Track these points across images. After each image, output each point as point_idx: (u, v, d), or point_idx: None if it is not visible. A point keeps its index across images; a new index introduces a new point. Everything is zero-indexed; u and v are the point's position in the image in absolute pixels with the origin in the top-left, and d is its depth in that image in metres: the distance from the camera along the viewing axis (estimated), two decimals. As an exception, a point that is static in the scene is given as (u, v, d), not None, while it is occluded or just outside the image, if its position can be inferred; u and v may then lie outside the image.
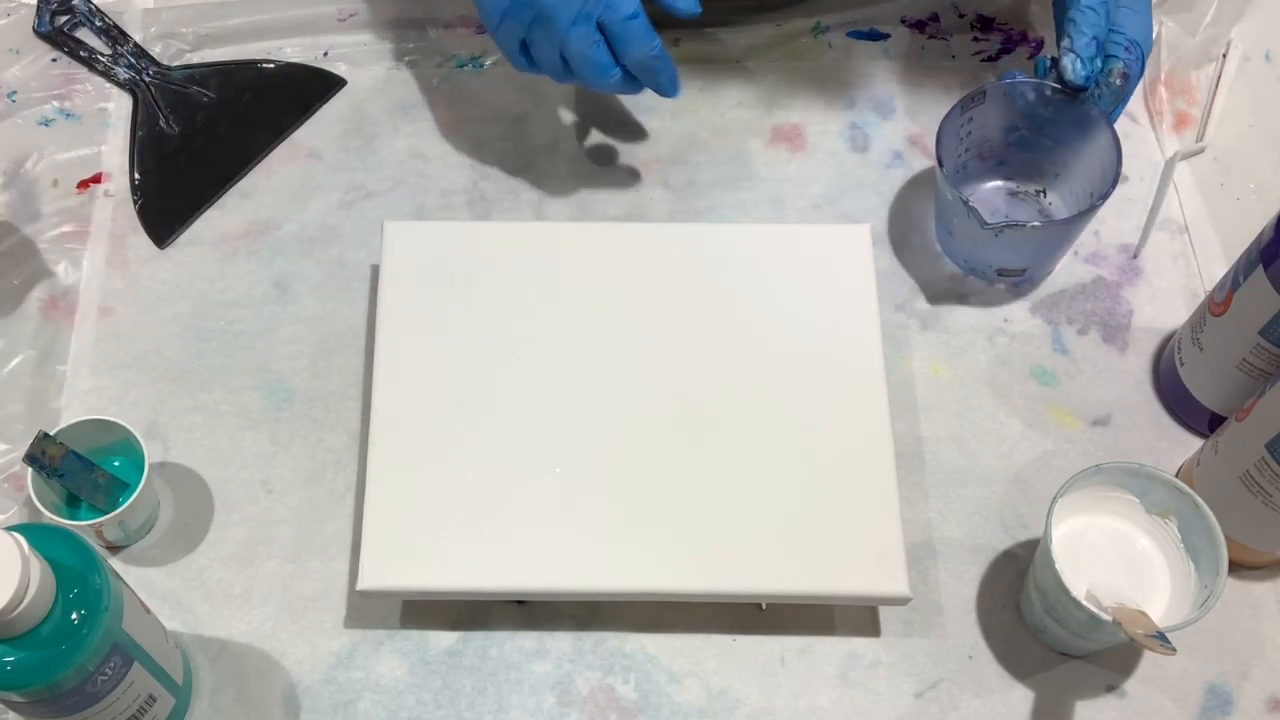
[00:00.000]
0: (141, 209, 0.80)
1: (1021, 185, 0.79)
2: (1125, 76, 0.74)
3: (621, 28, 0.69)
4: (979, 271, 0.77)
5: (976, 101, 0.74)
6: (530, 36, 0.71)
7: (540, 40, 0.70)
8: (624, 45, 0.70)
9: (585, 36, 0.69)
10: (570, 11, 0.69)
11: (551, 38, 0.70)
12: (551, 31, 0.69)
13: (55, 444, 0.65)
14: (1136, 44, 0.74)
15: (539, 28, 0.70)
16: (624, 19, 0.69)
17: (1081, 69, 0.73)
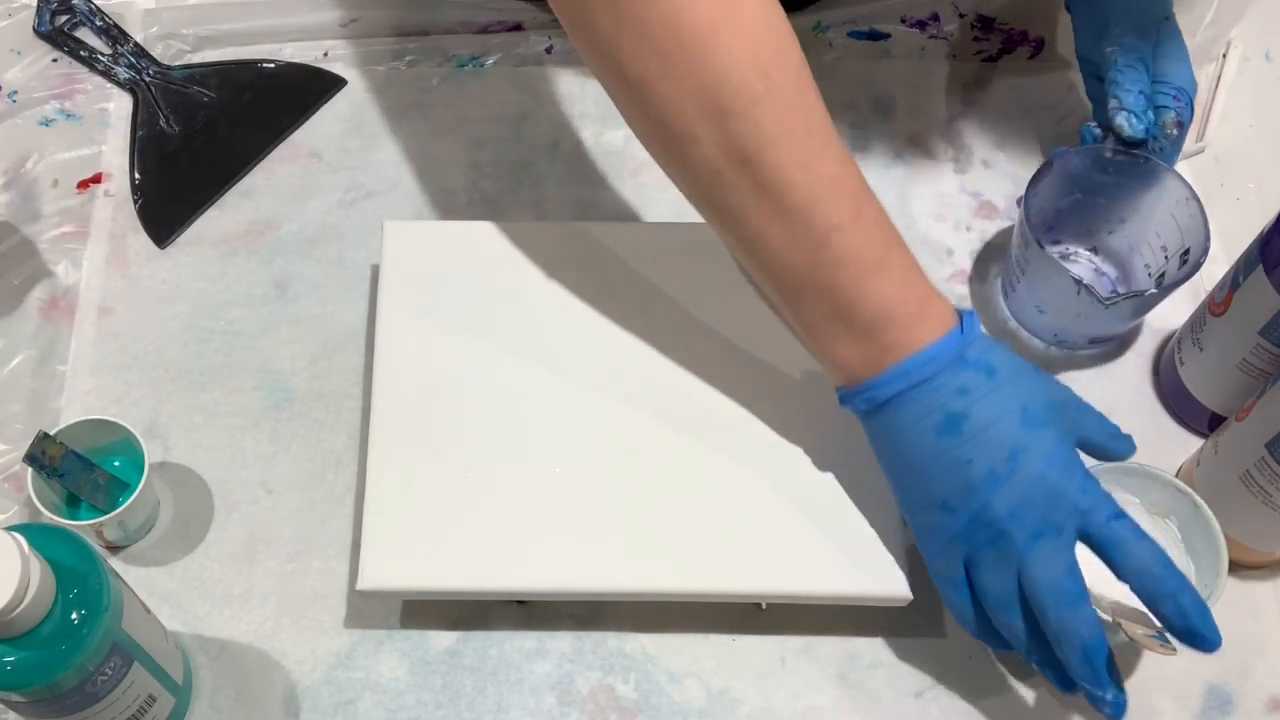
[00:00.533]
0: (141, 209, 0.80)
1: (1072, 246, 0.79)
2: (1179, 125, 0.75)
3: (1109, 529, 0.58)
4: (1069, 343, 0.76)
5: (1041, 177, 0.73)
6: (979, 559, 0.59)
7: (991, 565, 0.59)
8: (1119, 550, 0.58)
9: (1050, 554, 0.58)
10: (1030, 526, 0.58)
11: (1007, 563, 0.58)
12: (1006, 555, 0.58)
13: (55, 444, 0.65)
14: (1184, 90, 0.75)
15: (992, 549, 0.59)
16: (1110, 518, 0.58)
17: (1138, 123, 0.74)
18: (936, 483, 0.59)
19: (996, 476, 0.58)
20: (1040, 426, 0.58)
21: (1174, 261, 0.73)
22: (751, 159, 0.57)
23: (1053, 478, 0.58)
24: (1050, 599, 0.58)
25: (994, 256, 0.80)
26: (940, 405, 0.58)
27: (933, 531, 0.60)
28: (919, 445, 0.59)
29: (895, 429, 0.60)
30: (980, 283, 0.79)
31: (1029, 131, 0.85)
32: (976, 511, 0.58)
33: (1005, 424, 0.58)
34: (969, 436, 0.58)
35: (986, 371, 0.59)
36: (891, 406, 0.59)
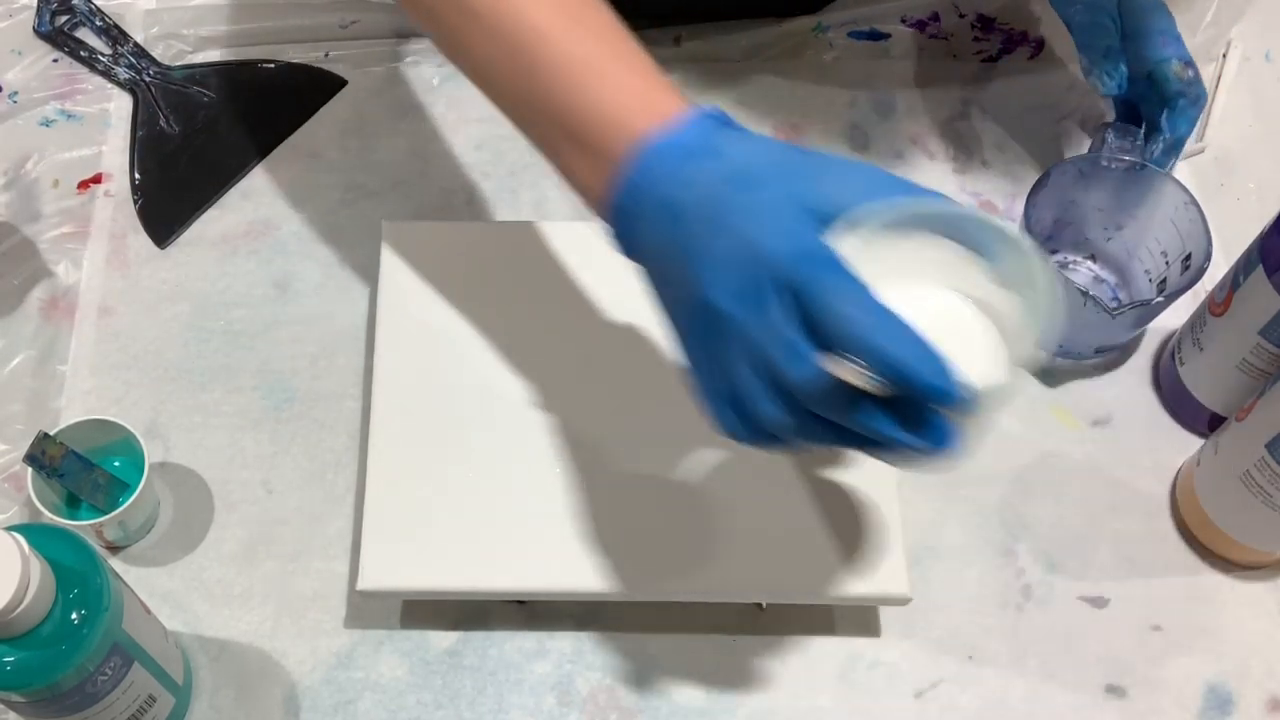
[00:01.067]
0: (141, 209, 0.80)
1: (1070, 255, 0.79)
2: (1189, 66, 0.74)
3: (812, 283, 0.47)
4: (1075, 353, 0.76)
5: (1039, 188, 0.72)
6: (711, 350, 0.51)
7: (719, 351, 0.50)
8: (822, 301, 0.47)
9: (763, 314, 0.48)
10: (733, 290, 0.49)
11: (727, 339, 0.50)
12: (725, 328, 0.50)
13: (55, 444, 0.65)
14: (1168, 33, 0.74)
15: (713, 334, 0.50)
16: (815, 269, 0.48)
17: (1110, 80, 0.73)
18: (672, 282, 0.52)
19: (699, 255, 0.50)
20: (754, 188, 0.50)
21: (1175, 267, 0.73)
22: None
23: (753, 232, 0.49)
24: (783, 360, 0.48)
25: (994, 256, 0.80)
26: (670, 200, 0.51)
27: (681, 338, 0.53)
28: (656, 250, 0.52)
29: (639, 245, 0.53)
30: (980, 283, 0.79)
31: (1029, 131, 0.85)
32: (689, 298, 0.50)
33: (716, 199, 0.50)
34: (690, 223, 0.50)
35: (713, 154, 0.51)
36: (632, 220, 0.53)
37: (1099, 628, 0.69)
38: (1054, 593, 0.70)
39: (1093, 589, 0.70)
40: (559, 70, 0.54)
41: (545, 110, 0.55)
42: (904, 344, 0.46)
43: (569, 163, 0.55)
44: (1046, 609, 0.69)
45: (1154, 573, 0.71)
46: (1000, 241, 0.50)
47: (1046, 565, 0.71)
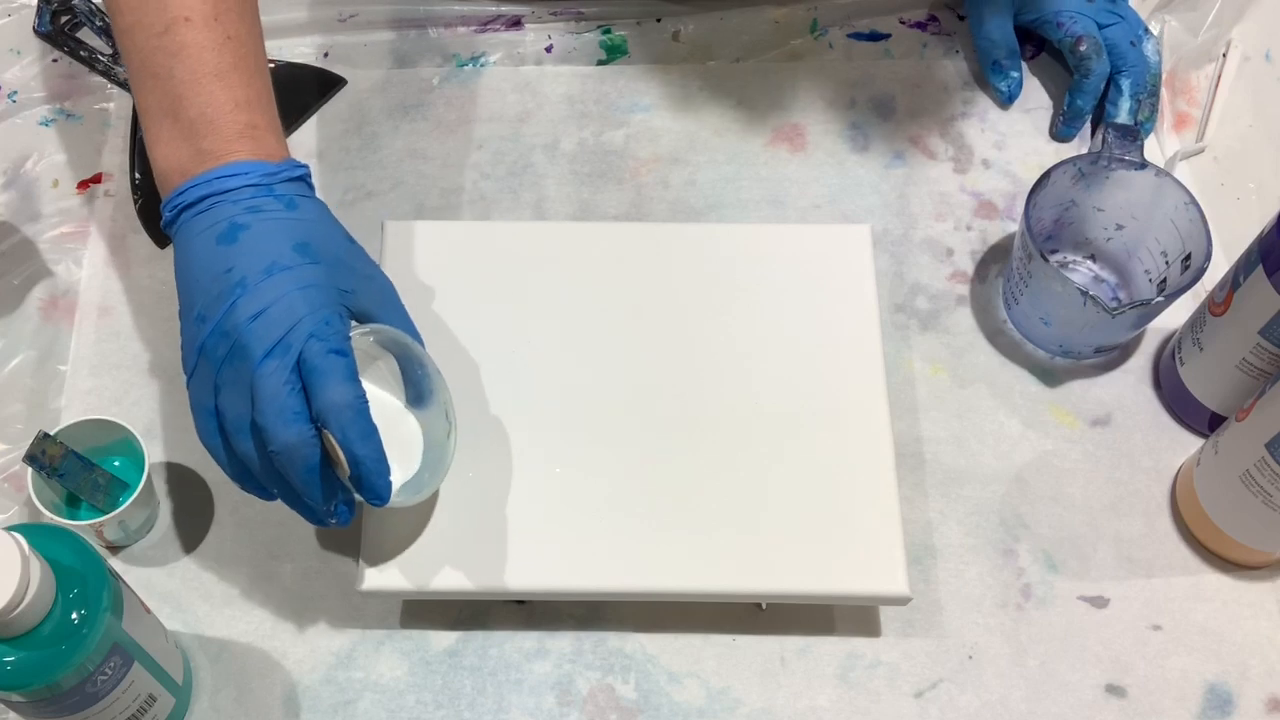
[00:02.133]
0: (141, 209, 0.80)
1: (1070, 255, 0.79)
2: (1086, 40, 0.81)
3: (323, 360, 0.55)
4: (1074, 353, 0.76)
5: (1039, 189, 0.73)
6: (220, 379, 0.56)
7: (229, 384, 0.56)
8: (322, 382, 0.55)
9: (276, 372, 0.55)
10: (266, 341, 0.55)
11: (242, 381, 0.55)
12: (242, 372, 0.55)
13: (55, 444, 0.65)
14: (1064, 12, 0.82)
15: (230, 366, 0.56)
16: (329, 350, 0.55)
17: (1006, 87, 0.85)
18: (200, 290, 0.57)
19: (246, 284, 0.56)
20: (312, 261, 0.57)
21: (1175, 267, 0.73)
22: None
23: (297, 299, 0.56)
24: (272, 415, 0.54)
25: (994, 257, 0.80)
26: (229, 216, 0.57)
27: (187, 346, 0.57)
28: (198, 253, 0.57)
29: (185, 237, 0.58)
30: (980, 283, 0.79)
31: (1029, 131, 0.85)
32: (220, 318, 0.55)
33: (277, 244, 0.57)
34: (241, 246, 0.57)
35: (288, 204, 0.59)
36: (191, 213, 0.58)
37: (1099, 628, 0.69)
38: (1054, 593, 0.70)
39: (1093, 589, 0.70)
40: (187, 56, 0.59)
41: (158, 76, 0.59)
42: (371, 447, 0.56)
43: (158, 131, 0.60)
44: (1046, 609, 0.69)
45: (1154, 573, 0.71)
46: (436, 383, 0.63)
47: (1046, 565, 0.71)
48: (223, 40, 0.60)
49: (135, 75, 0.61)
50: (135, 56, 0.60)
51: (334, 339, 0.56)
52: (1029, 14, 0.85)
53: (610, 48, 0.87)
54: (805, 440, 0.67)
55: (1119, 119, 0.82)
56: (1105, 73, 0.82)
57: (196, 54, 0.59)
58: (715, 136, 0.84)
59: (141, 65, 0.60)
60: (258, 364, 0.55)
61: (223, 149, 0.58)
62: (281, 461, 0.56)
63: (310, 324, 0.56)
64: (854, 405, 0.68)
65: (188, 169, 0.58)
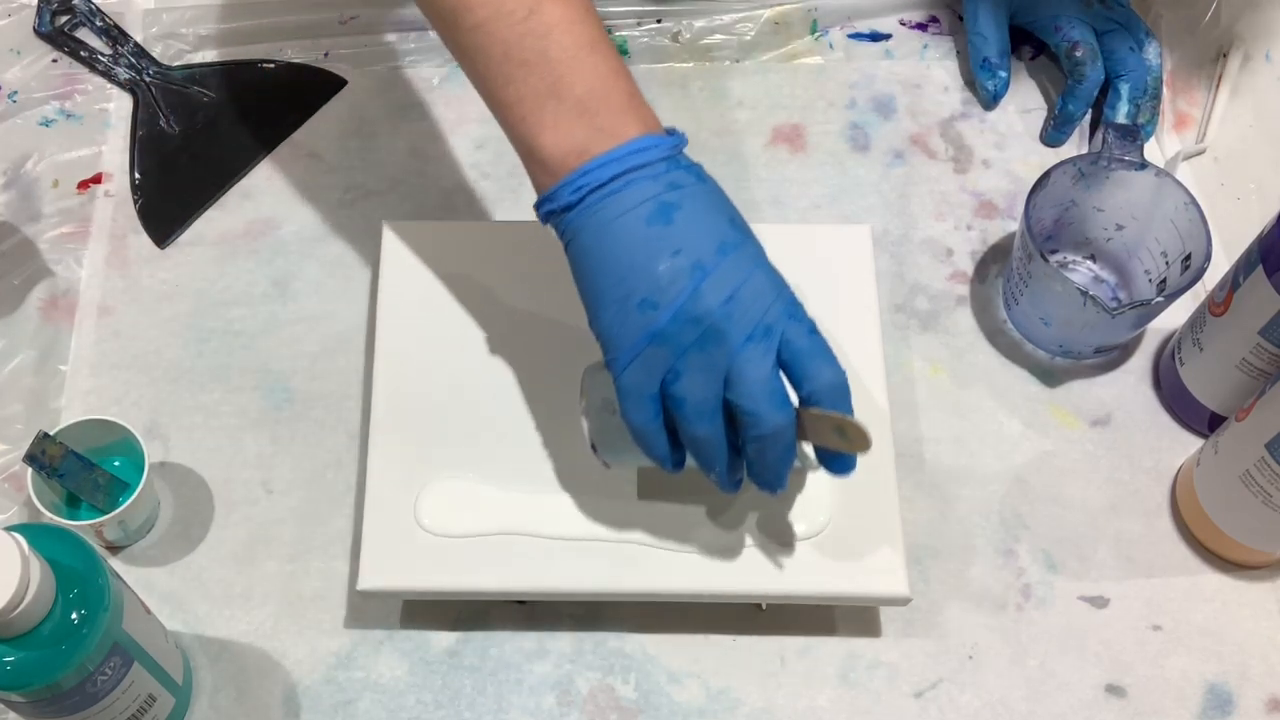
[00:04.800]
0: (141, 209, 0.80)
1: (1070, 255, 0.79)
2: (1080, 47, 0.81)
3: (813, 341, 0.56)
4: (1074, 353, 0.76)
5: (1039, 189, 0.73)
6: (683, 365, 0.54)
7: (697, 369, 0.54)
8: (815, 363, 0.55)
9: (763, 356, 0.54)
10: (746, 324, 0.54)
11: (714, 365, 0.54)
12: (715, 356, 0.54)
13: (55, 444, 0.65)
14: (1059, 17, 0.83)
15: (699, 351, 0.54)
16: (812, 331, 0.56)
17: (991, 87, 0.85)
18: (639, 276, 0.54)
19: (704, 267, 0.54)
20: (747, 235, 0.56)
21: (1175, 267, 0.73)
22: None
23: (762, 279, 0.55)
24: (764, 399, 0.54)
25: (994, 257, 0.80)
26: (653, 195, 0.54)
27: (629, 333, 0.55)
28: (625, 236, 0.54)
29: (601, 220, 0.55)
30: (980, 283, 0.79)
31: (1029, 131, 0.85)
32: (682, 304, 0.53)
33: (716, 221, 0.55)
34: (679, 227, 0.54)
35: (698, 176, 0.56)
36: (601, 194, 0.55)
37: (1099, 628, 0.69)
38: (1054, 593, 0.70)
39: (1093, 589, 0.70)
40: (559, 34, 0.56)
41: (530, 62, 0.56)
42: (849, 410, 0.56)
43: (539, 118, 0.56)
44: (1046, 609, 0.69)
45: (1154, 573, 0.71)
46: None
47: (1046, 565, 0.71)
48: (584, 11, 0.57)
49: (496, 69, 0.56)
50: (496, 49, 0.56)
51: (808, 319, 0.56)
52: (1026, 16, 0.85)
53: (610, 48, 0.87)
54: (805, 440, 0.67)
55: (1118, 121, 0.82)
56: (1099, 79, 0.82)
57: (567, 29, 0.56)
58: (715, 136, 0.84)
59: (505, 56, 0.56)
60: (739, 348, 0.54)
61: (619, 124, 0.55)
62: (766, 443, 0.55)
63: (782, 305, 0.55)
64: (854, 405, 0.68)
65: (587, 148, 0.55)
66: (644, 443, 0.57)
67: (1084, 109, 0.83)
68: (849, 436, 0.56)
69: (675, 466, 0.58)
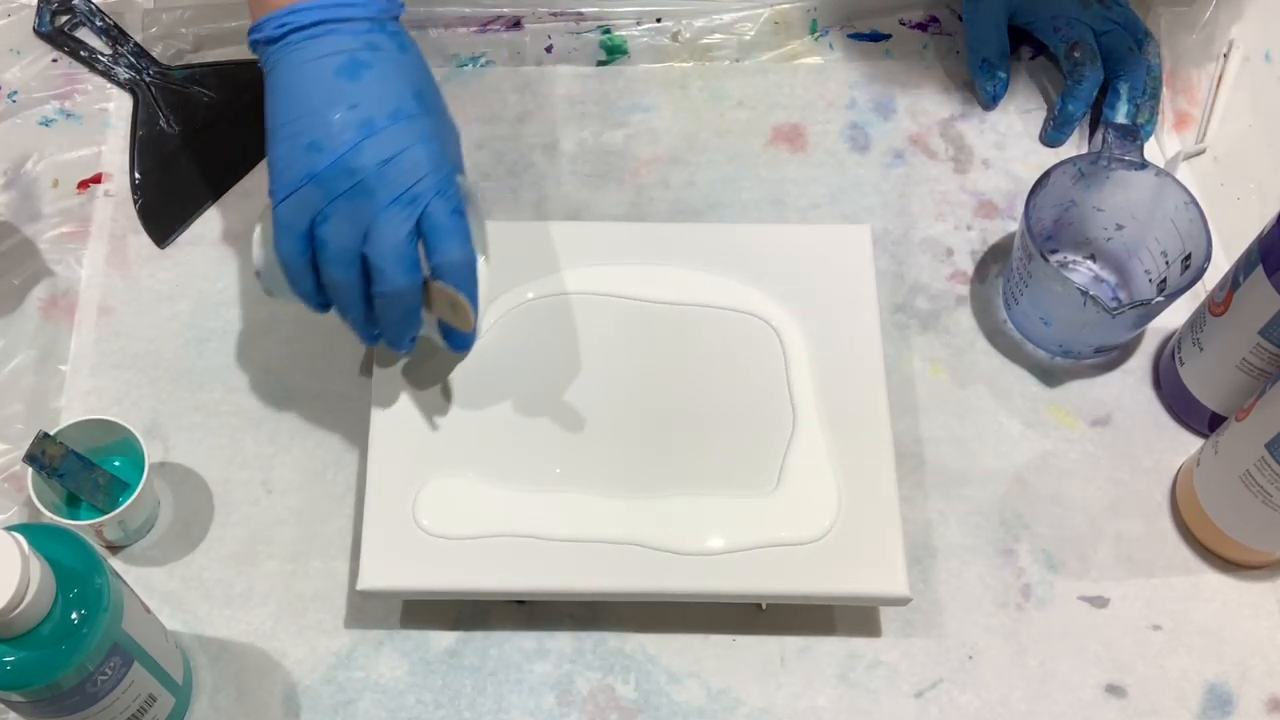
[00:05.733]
0: (141, 209, 0.80)
1: (1070, 255, 0.79)
2: (1080, 46, 0.81)
3: (449, 220, 0.59)
4: (1074, 353, 0.76)
5: (1039, 189, 0.73)
6: (331, 210, 0.58)
7: (341, 217, 0.58)
8: (446, 240, 0.59)
9: (402, 221, 0.58)
10: (395, 188, 0.58)
11: (358, 217, 0.58)
12: (361, 209, 0.58)
13: (55, 444, 0.65)
14: (1060, 17, 0.82)
15: (347, 201, 0.58)
16: (454, 210, 0.60)
17: (987, 93, 0.84)
18: (314, 119, 0.58)
19: (373, 126, 0.58)
20: (427, 112, 0.59)
21: (1175, 267, 0.73)
22: None
23: (422, 152, 0.58)
24: (392, 260, 0.58)
25: (994, 257, 0.80)
26: (348, 49, 0.58)
27: (292, 171, 0.58)
28: (313, 80, 0.58)
29: (295, 60, 0.59)
30: (980, 283, 0.79)
31: (1029, 131, 0.85)
32: (343, 154, 0.57)
33: (399, 88, 0.59)
34: (364, 85, 0.58)
35: (400, 45, 0.60)
36: (301, 35, 0.59)
37: (1099, 628, 0.69)
38: (1054, 593, 0.70)
39: (1093, 589, 0.70)
40: None
41: None
42: (476, 305, 0.61)
43: None
44: (1046, 609, 0.69)
45: (1154, 573, 0.71)
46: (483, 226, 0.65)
47: (1046, 565, 0.71)
48: None
49: None
50: None
51: (455, 199, 0.59)
52: (1025, 17, 0.85)
53: (610, 48, 0.87)
54: (806, 440, 0.67)
55: (1117, 121, 0.82)
56: (1098, 79, 0.82)
57: None
58: (715, 136, 0.84)
59: None
60: (383, 208, 0.58)
61: None
62: (387, 300, 0.60)
63: (434, 181, 0.59)
64: (854, 405, 0.68)
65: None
66: (291, 276, 0.61)
67: (1083, 109, 0.83)
68: (459, 313, 0.60)
69: (319, 307, 0.63)
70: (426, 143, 0.59)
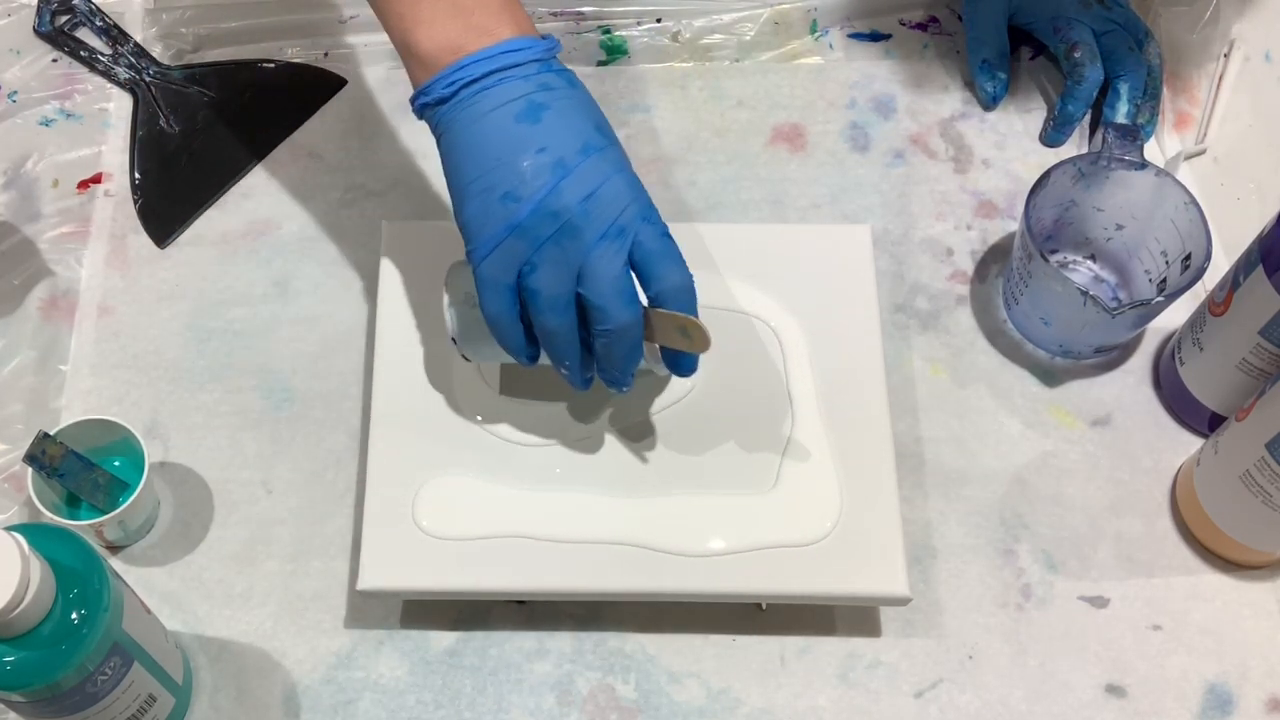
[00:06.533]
0: (141, 209, 0.80)
1: (1070, 255, 0.79)
2: (1079, 46, 0.81)
3: (664, 244, 0.58)
4: (1074, 353, 0.76)
5: (1039, 189, 0.73)
6: (539, 258, 0.57)
7: (552, 263, 0.57)
8: (664, 265, 0.58)
9: (615, 254, 0.57)
10: (602, 223, 0.57)
11: (568, 259, 0.57)
12: (569, 251, 0.57)
13: (55, 444, 0.65)
14: (1060, 18, 0.83)
15: (555, 245, 0.57)
16: (664, 234, 0.59)
17: (986, 92, 0.84)
18: (504, 169, 0.57)
19: (566, 165, 0.56)
20: (612, 142, 0.59)
21: (1175, 267, 0.73)
22: None
23: (621, 182, 0.57)
24: (613, 296, 0.57)
25: (994, 257, 0.80)
26: (524, 94, 0.57)
27: (490, 226, 0.57)
28: (493, 131, 0.57)
29: (471, 115, 0.58)
30: (980, 283, 0.79)
31: (1029, 131, 0.85)
32: (542, 198, 0.56)
33: (582, 124, 0.58)
34: (547, 126, 0.57)
35: (569, 81, 0.59)
36: (473, 90, 0.57)
37: (1099, 628, 0.69)
38: (1054, 593, 0.70)
39: (1093, 589, 0.70)
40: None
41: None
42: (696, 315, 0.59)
43: (417, 15, 0.59)
44: (1046, 609, 0.69)
45: (1154, 573, 0.71)
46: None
47: (1046, 565, 0.71)
48: None
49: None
50: None
51: (661, 223, 0.58)
52: (1025, 17, 0.85)
53: (610, 48, 0.87)
54: (806, 440, 0.67)
55: (1117, 121, 0.82)
56: (1098, 80, 0.82)
57: None
58: (715, 136, 0.84)
59: None
60: (594, 245, 0.56)
61: (493, 23, 0.58)
62: (611, 338, 0.58)
63: (637, 209, 0.58)
64: (854, 405, 0.68)
65: (462, 45, 0.57)
66: (499, 333, 0.60)
67: (1083, 110, 0.83)
68: (691, 336, 0.59)
69: (529, 360, 0.61)
70: (622, 172, 0.58)
